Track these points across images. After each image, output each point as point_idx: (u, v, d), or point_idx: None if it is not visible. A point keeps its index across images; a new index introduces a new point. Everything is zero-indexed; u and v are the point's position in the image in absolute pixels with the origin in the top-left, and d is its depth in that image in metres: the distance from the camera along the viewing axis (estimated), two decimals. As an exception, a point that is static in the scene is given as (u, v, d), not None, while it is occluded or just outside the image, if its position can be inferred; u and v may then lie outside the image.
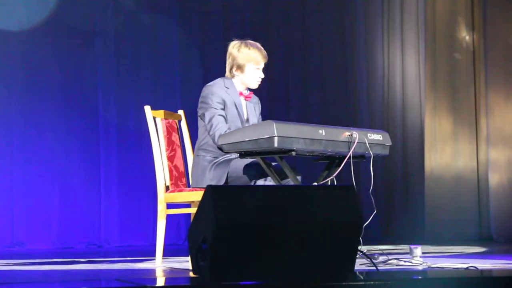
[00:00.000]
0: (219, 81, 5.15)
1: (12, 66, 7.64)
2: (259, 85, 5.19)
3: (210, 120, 5.01)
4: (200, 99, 5.11)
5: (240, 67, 5.13)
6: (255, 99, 5.28)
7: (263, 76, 5.16)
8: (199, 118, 5.13)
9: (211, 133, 4.98)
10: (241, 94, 5.17)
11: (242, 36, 5.29)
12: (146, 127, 5.25)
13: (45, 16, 7.72)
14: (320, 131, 4.64)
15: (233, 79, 5.16)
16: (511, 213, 8.09)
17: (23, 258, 6.07)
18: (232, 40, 5.20)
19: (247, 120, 5.16)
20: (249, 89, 5.22)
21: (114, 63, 7.99)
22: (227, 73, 5.18)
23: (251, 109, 5.20)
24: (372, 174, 4.93)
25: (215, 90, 5.08)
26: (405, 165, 8.89)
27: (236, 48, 5.15)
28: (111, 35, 7.99)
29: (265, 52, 5.15)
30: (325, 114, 8.72)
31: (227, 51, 5.18)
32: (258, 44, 5.18)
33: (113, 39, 8.00)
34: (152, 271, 4.66)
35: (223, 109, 5.05)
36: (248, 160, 4.94)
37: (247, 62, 5.11)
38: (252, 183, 4.93)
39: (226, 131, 4.87)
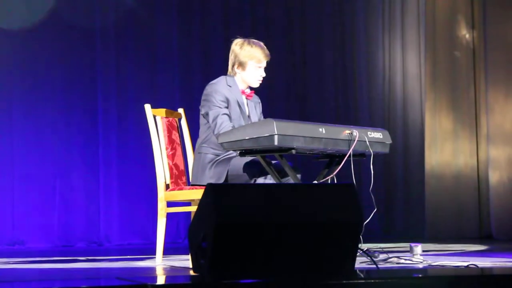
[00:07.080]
0: (221, 79, 5.16)
1: (13, 64, 7.64)
2: (260, 83, 5.19)
3: (215, 119, 5.00)
4: (203, 97, 5.11)
5: (241, 65, 5.14)
6: (256, 98, 5.29)
7: (264, 75, 5.17)
8: (201, 116, 5.13)
9: (215, 132, 4.97)
10: (243, 92, 5.16)
11: (242, 34, 5.29)
12: (146, 125, 5.25)
13: (45, 14, 7.72)
14: (320, 129, 4.64)
15: (235, 77, 5.17)
16: (512, 211, 8.09)
17: (23, 257, 6.07)
18: (236, 38, 5.22)
19: (249, 117, 5.16)
20: (251, 88, 5.23)
21: (114, 61, 7.99)
22: (229, 71, 5.19)
23: (252, 108, 5.21)
24: (372, 172, 4.92)
25: (218, 88, 5.08)
26: (405, 163, 8.89)
27: (239, 45, 5.16)
28: (111, 34, 7.99)
29: (268, 51, 5.17)
30: (325, 112, 8.73)
31: (230, 49, 5.19)
32: (261, 43, 5.20)
33: (113, 38, 8.00)
34: (152, 269, 4.66)
35: (227, 107, 5.05)
36: (248, 158, 4.94)
37: (249, 59, 5.12)
38: (252, 181, 4.93)
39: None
